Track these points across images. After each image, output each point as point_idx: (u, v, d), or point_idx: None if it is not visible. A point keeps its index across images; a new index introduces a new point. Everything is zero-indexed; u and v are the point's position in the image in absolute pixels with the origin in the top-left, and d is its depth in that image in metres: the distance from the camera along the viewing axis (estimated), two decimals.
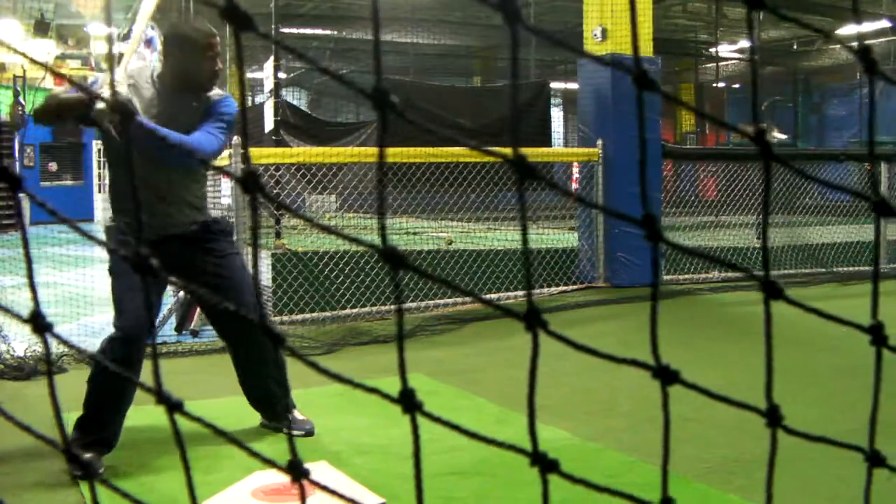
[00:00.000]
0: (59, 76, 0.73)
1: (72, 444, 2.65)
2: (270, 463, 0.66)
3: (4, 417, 0.72)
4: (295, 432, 3.63)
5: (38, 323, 0.65)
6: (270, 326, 0.67)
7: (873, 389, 0.70)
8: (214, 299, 3.46)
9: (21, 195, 0.67)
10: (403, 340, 0.66)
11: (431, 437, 3.50)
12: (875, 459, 0.72)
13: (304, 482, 0.66)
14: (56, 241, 10.66)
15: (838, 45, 20.59)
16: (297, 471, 0.63)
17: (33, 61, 0.71)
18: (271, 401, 3.68)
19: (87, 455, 3.18)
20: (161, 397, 0.64)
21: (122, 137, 3.10)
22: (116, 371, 3.48)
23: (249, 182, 0.64)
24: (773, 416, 0.69)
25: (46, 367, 0.70)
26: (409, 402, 0.64)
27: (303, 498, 0.67)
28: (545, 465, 0.64)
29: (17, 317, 0.68)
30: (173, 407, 0.65)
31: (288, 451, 0.65)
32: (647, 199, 0.67)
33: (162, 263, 2.76)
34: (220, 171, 1.15)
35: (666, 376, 0.66)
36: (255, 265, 0.73)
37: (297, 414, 3.76)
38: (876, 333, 0.70)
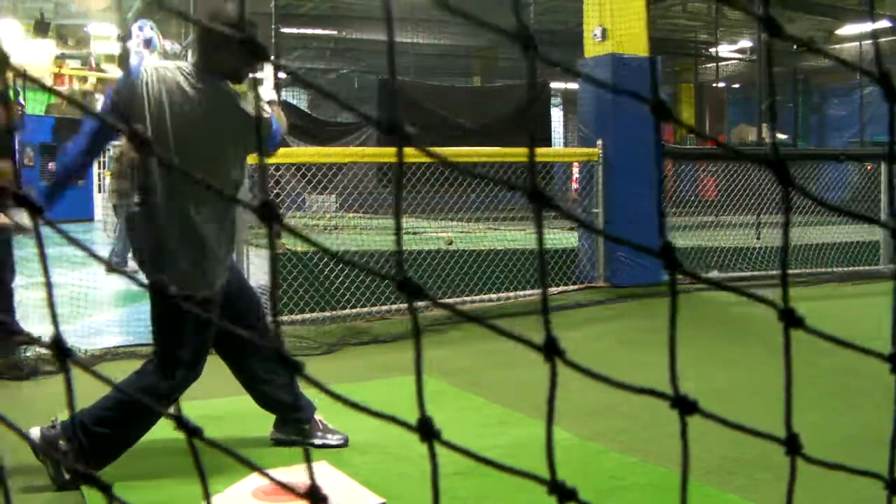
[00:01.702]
0: (58, 90, 0.73)
1: (75, 451, 2.55)
2: (287, 488, 0.65)
3: (5, 424, 0.71)
4: (320, 442, 3.52)
5: (60, 349, 0.65)
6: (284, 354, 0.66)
7: (894, 410, 0.67)
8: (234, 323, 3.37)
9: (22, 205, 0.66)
10: (421, 364, 0.64)
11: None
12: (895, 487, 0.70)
13: (308, 481, 0.66)
14: (57, 241, 10.66)
15: (838, 45, 20.61)
16: (315, 497, 0.62)
17: (31, 77, 0.70)
18: (280, 409, 3.54)
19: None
20: (181, 423, 0.64)
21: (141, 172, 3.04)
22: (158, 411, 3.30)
23: (267, 210, 0.62)
24: (792, 445, 0.68)
25: (67, 390, 0.68)
26: (427, 430, 0.62)
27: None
28: (563, 493, 0.63)
29: (40, 343, 0.68)
30: (192, 433, 0.64)
31: (293, 455, 0.65)
32: (663, 227, 0.66)
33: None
34: (236, 201, 1.13)
35: (684, 406, 0.65)
36: (273, 271, 0.73)
37: (325, 422, 3.59)
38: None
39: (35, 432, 3.07)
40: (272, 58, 0.63)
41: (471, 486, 3.04)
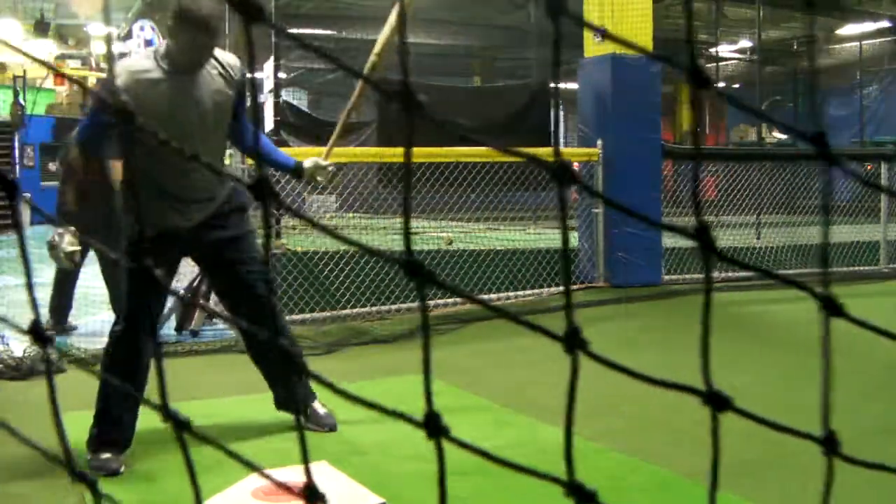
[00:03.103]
0: (60, 75, 0.73)
1: (90, 441, 2.68)
2: (283, 486, 0.65)
3: (10, 433, 0.71)
4: (317, 429, 3.68)
5: (39, 334, 0.65)
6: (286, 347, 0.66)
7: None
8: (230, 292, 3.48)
9: (20, 198, 0.67)
10: (429, 356, 0.64)
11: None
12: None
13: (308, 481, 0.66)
14: None
15: (838, 45, 20.60)
16: (313, 494, 0.62)
17: (38, 61, 0.70)
18: (287, 391, 3.69)
19: (104, 455, 3.20)
20: (167, 414, 0.64)
21: (125, 139, 3.13)
22: (122, 369, 3.45)
23: (260, 187, 0.63)
24: (830, 444, 0.66)
25: (47, 375, 0.69)
26: (434, 426, 0.62)
27: (308, 498, 0.67)
28: (582, 496, 0.60)
29: (17, 328, 0.68)
30: (180, 426, 0.64)
31: (292, 451, 0.64)
32: (699, 205, 0.65)
33: (174, 253, 2.74)
34: (236, 179, 1.14)
35: (717, 403, 0.63)
36: (269, 263, 0.73)
37: (319, 407, 3.74)
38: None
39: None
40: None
41: (471, 486, 3.04)
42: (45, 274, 6.00)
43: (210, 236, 3.45)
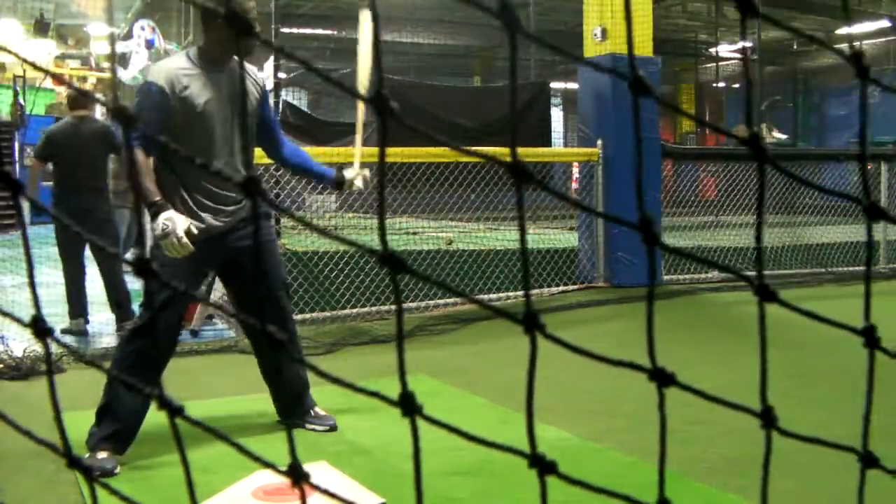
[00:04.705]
0: (58, 78, 0.73)
1: (88, 439, 2.69)
2: (270, 466, 0.65)
3: (6, 422, 0.71)
4: (319, 428, 3.73)
5: (39, 327, 0.65)
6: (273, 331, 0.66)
7: (866, 391, 0.70)
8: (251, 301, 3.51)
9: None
10: (403, 342, 0.65)
11: (432, 436, 3.50)
12: (868, 460, 0.72)
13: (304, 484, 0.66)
14: (56, 241, 10.65)
15: (839, 45, 20.60)
16: (296, 473, 0.63)
17: (33, 66, 0.70)
18: (293, 397, 3.73)
19: (101, 455, 3.20)
20: (162, 402, 0.64)
21: (125, 140, 3.14)
22: (137, 365, 3.44)
23: (250, 186, 0.63)
24: (767, 418, 0.69)
25: (47, 369, 0.70)
26: (408, 405, 0.63)
27: (303, 499, 0.67)
28: (543, 466, 0.64)
29: (18, 321, 0.68)
30: (174, 412, 0.64)
31: (289, 451, 0.65)
32: (643, 201, 0.67)
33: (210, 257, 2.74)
34: (218, 173, 1.12)
35: (662, 379, 0.66)
36: (261, 265, 0.73)
37: (319, 410, 3.81)
38: (868, 335, 0.71)
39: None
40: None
41: (471, 486, 3.04)
42: (45, 273, 6.00)
43: (239, 243, 3.47)
